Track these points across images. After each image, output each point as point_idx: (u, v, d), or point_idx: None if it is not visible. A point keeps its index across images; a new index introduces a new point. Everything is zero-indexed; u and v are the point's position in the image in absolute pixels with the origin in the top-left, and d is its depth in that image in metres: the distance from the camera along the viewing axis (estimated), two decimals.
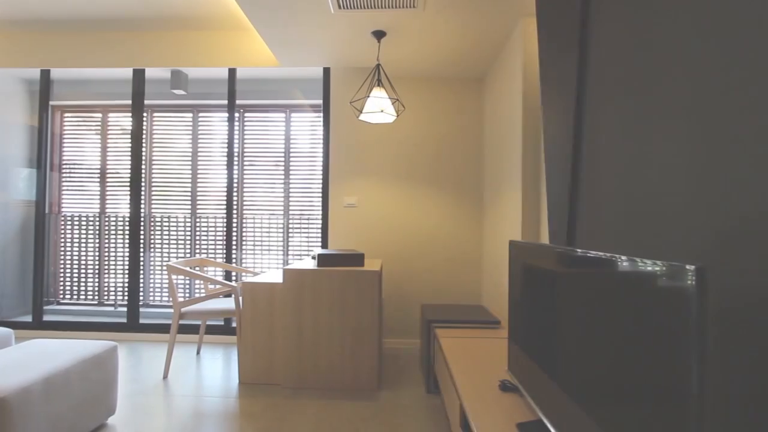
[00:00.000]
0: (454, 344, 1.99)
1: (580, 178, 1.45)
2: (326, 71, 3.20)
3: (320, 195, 3.60)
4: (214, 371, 2.60)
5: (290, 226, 3.63)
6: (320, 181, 3.61)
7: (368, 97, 2.38)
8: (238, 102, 3.45)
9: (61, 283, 3.92)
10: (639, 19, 1.12)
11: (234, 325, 3.26)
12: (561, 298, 1.07)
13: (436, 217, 3.15)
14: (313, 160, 3.62)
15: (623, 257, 0.79)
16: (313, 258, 2.58)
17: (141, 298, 3.42)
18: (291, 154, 3.63)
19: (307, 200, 3.62)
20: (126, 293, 3.84)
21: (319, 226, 3.61)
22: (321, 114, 3.62)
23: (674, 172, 0.96)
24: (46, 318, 3.49)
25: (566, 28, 1.54)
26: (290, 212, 3.63)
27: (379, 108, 2.32)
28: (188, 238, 3.76)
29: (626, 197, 1.16)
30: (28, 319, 3.54)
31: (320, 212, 3.60)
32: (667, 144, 0.99)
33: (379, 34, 2.43)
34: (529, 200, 2.22)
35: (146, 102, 3.46)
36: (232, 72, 3.26)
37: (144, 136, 3.38)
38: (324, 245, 3.19)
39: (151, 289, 3.81)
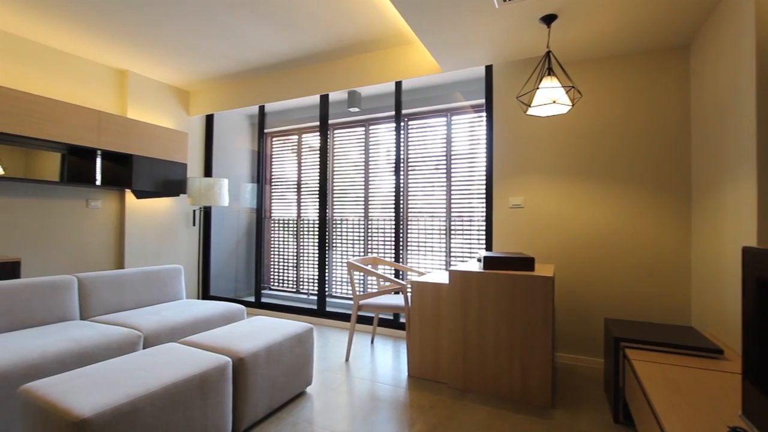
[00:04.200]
0: (654, 371, 1.65)
1: None
2: (488, 69, 3.12)
3: (480, 196, 3.54)
4: (386, 361, 2.83)
5: (451, 227, 3.67)
6: (480, 183, 3.54)
7: (537, 88, 2.21)
8: (403, 111, 3.69)
9: (272, 273, 4.93)
10: None
11: (402, 320, 3.49)
12: None
13: (622, 217, 2.69)
14: (473, 161, 3.58)
15: None
16: (479, 260, 2.54)
17: (326, 289, 3.99)
18: (451, 157, 3.68)
19: (466, 202, 3.60)
20: (316, 284, 4.57)
21: (479, 227, 3.54)
22: (482, 114, 3.55)
23: None
24: (263, 300, 4.43)
25: None
26: (451, 214, 3.67)
27: (550, 99, 2.13)
28: (361, 238, 4.22)
29: None
30: (252, 299, 4.57)
31: (480, 214, 3.53)
32: None
33: (548, 19, 2.23)
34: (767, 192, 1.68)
35: (329, 121, 4.04)
36: (398, 84, 3.51)
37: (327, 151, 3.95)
38: (488, 248, 3.10)
39: (333, 282, 4.42)
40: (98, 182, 3.42)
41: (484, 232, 3.48)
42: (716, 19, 2.13)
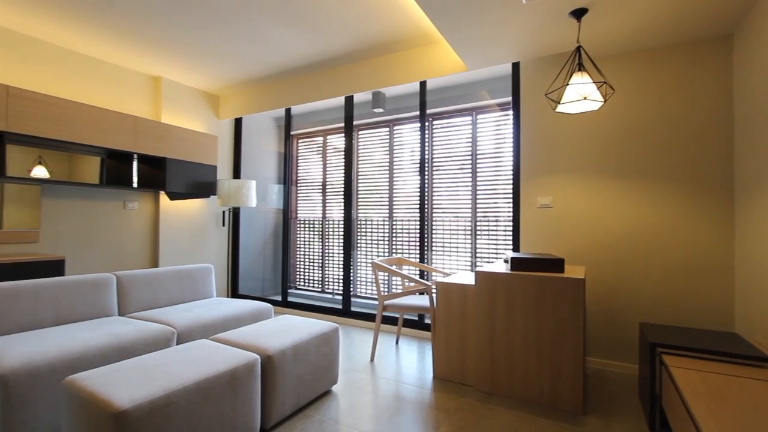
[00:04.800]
0: (695, 379, 1.57)
1: None
2: (515, 66, 3.06)
3: (507, 196, 3.47)
4: (411, 362, 2.82)
5: (477, 228, 3.62)
6: (506, 182, 3.47)
7: (567, 85, 2.14)
8: (427, 111, 3.66)
9: (297, 273, 5.00)
10: None
11: (427, 321, 3.46)
12: None
13: (656, 217, 2.58)
14: (499, 160, 3.52)
15: None
16: (506, 261, 2.49)
17: (351, 289, 4.02)
18: (477, 156, 3.63)
19: (492, 202, 3.54)
20: (341, 284, 4.61)
21: (506, 227, 3.47)
22: (509, 112, 3.48)
23: None
24: (289, 299, 4.51)
25: None
26: (477, 214, 3.61)
27: (581, 95, 2.06)
28: (386, 238, 4.22)
29: None
30: (278, 298, 4.65)
31: (507, 214, 3.46)
32: None
33: (578, 13, 2.16)
34: None
35: (354, 122, 4.07)
36: (422, 84, 3.49)
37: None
38: (515, 248, 3.04)
39: (358, 283, 4.44)
40: (135, 185, 3.58)
41: (510, 233, 3.42)
42: (764, 5, 2.00)
